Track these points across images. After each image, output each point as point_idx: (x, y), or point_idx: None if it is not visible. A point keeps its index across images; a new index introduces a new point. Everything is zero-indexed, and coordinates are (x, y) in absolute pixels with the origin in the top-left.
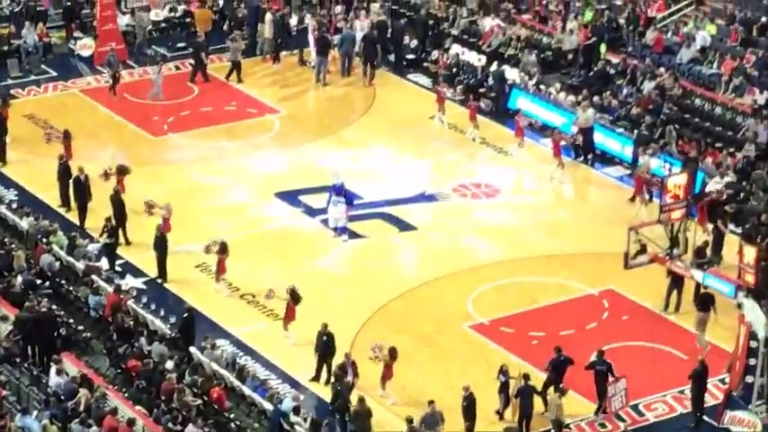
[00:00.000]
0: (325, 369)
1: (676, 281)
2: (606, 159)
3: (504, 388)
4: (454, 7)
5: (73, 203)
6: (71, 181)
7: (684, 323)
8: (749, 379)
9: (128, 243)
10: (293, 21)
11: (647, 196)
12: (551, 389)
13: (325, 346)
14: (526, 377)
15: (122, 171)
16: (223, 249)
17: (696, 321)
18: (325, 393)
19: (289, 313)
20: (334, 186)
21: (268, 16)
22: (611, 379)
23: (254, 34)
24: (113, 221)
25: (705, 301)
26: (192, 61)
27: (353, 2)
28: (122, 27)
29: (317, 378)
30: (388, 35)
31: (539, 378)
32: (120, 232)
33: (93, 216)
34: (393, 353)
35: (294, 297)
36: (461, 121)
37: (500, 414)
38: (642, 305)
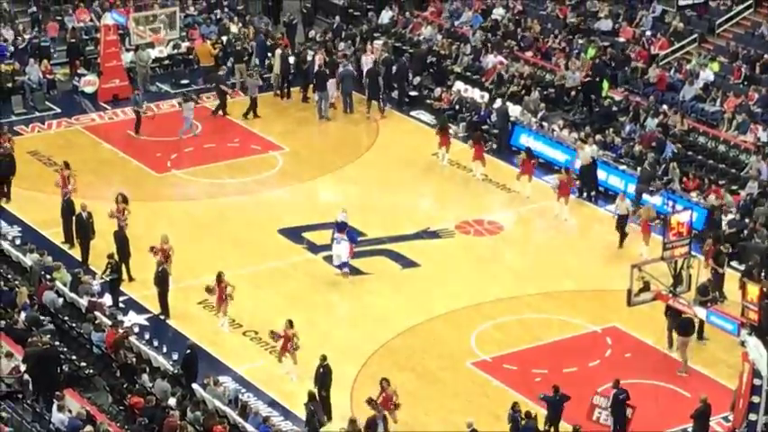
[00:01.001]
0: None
1: (674, 317)
2: (609, 196)
3: (515, 426)
4: (457, 44)
5: (76, 240)
6: (74, 218)
7: (689, 361)
8: (752, 417)
9: (131, 279)
10: (291, 59)
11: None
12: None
13: (322, 378)
14: (528, 415)
15: (124, 199)
16: (220, 280)
17: (677, 345)
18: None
19: (285, 344)
20: (337, 223)
21: (278, 52)
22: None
23: (252, 70)
24: (116, 258)
25: (685, 326)
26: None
27: (356, 39)
28: (126, 64)
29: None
30: (393, 71)
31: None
32: (124, 269)
33: (95, 252)
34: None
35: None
36: (464, 158)
37: None
38: (645, 342)
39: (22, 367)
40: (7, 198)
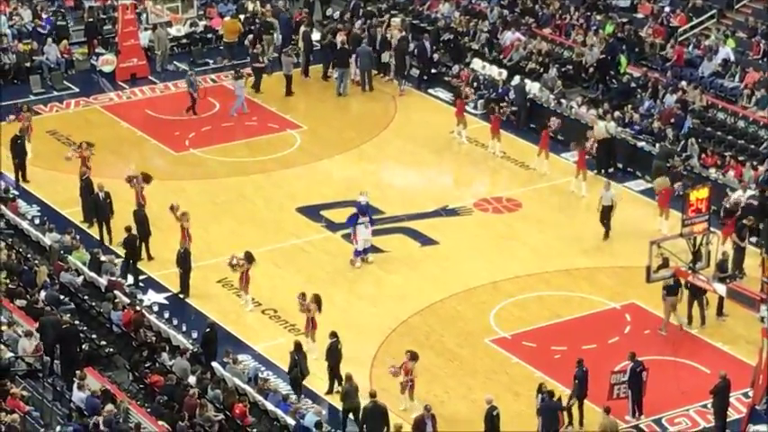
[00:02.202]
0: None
1: (696, 294)
2: (628, 173)
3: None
4: (475, 21)
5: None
6: (92, 197)
7: (708, 338)
8: None
9: (150, 258)
10: (315, 36)
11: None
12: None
13: (332, 353)
14: (551, 394)
15: (146, 179)
16: (249, 259)
17: (665, 306)
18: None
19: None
20: (359, 206)
21: (302, 29)
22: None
23: (287, 48)
24: (133, 232)
25: (672, 287)
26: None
27: (372, 17)
28: (144, 43)
29: (330, 391)
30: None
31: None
32: (143, 248)
33: (115, 231)
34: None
35: (318, 303)
36: (482, 136)
37: None
38: (664, 318)
39: (35, 338)
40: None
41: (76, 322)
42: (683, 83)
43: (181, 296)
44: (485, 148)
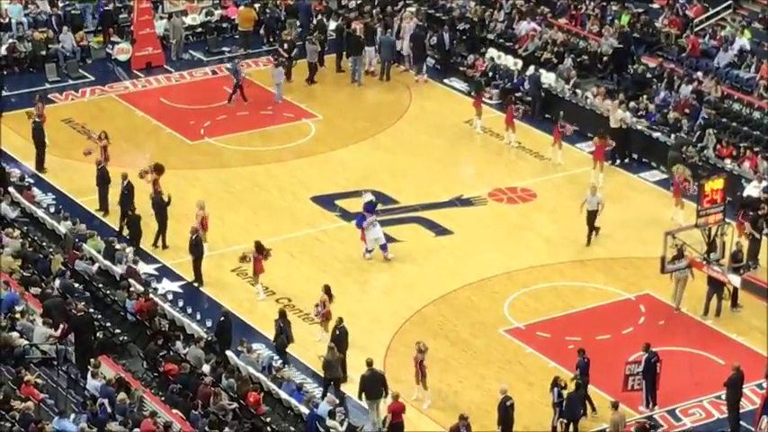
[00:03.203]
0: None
1: (715, 286)
2: (643, 163)
3: (559, 401)
4: (490, 11)
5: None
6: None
7: (723, 328)
8: None
9: (164, 247)
10: (331, 25)
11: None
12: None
13: (338, 339)
14: (565, 385)
15: (159, 170)
16: (259, 249)
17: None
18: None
19: (325, 313)
20: (367, 204)
21: (318, 19)
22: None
23: (312, 36)
24: (134, 213)
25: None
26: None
27: (388, 6)
28: (159, 32)
29: (344, 380)
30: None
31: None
32: (160, 236)
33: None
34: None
35: (329, 295)
36: (497, 126)
37: (554, 429)
38: (679, 310)
39: (40, 320)
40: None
41: (91, 310)
42: (699, 73)
43: (195, 284)
44: (499, 138)
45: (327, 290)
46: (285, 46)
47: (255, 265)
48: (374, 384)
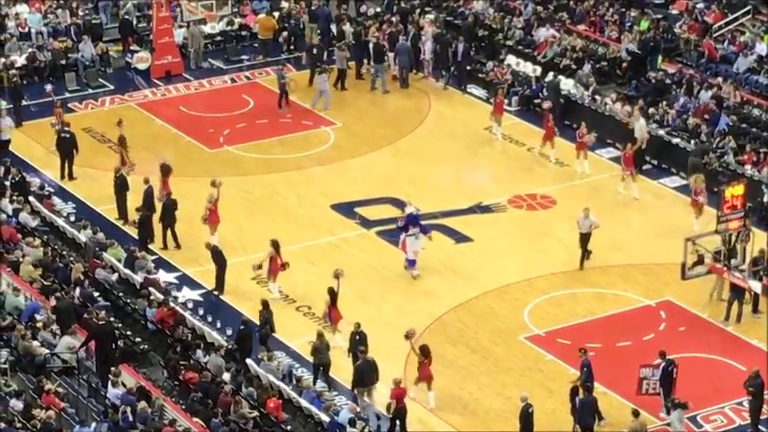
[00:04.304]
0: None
1: (737, 292)
2: (663, 169)
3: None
4: (509, 18)
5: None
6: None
7: (743, 334)
8: None
9: (178, 247)
10: (347, 27)
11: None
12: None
13: (358, 344)
14: (589, 389)
15: (165, 170)
16: (275, 248)
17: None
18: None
19: (332, 316)
20: (408, 216)
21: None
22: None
23: (329, 43)
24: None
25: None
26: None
27: (407, 14)
28: (178, 40)
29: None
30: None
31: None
32: (171, 236)
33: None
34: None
35: (333, 297)
36: (516, 133)
37: None
38: (699, 316)
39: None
40: (69, 177)
41: (111, 319)
42: (719, 79)
43: (215, 293)
44: (519, 144)
45: (330, 292)
46: (315, 51)
47: (272, 265)
48: (368, 373)
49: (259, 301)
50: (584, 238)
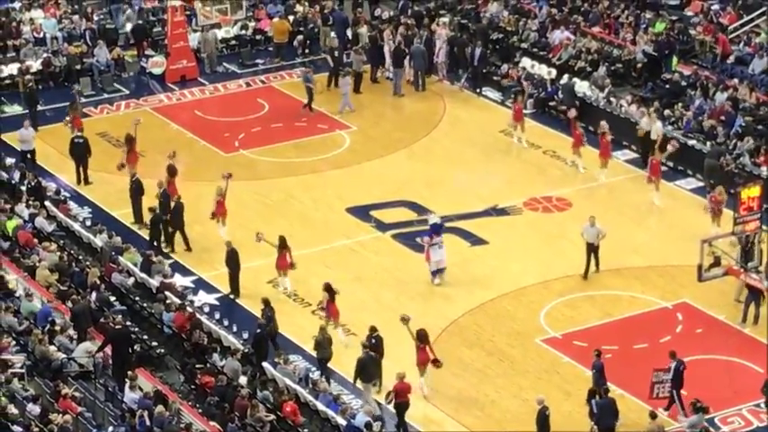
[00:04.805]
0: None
1: (755, 293)
2: (679, 171)
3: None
4: (523, 20)
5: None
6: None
7: (761, 336)
8: None
9: (188, 249)
10: (364, 30)
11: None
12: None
13: (374, 349)
14: (606, 390)
15: (171, 172)
16: (282, 243)
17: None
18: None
19: (331, 311)
20: (433, 226)
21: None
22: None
23: (344, 47)
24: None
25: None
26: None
27: (423, 17)
28: (193, 45)
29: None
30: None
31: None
32: (182, 238)
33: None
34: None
35: (331, 293)
36: (531, 135)
37: None
38: (716, 318)
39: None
40: (85, 181)
41: (128, 323)
42: (735, 81)
43: (231, 297)
44: (534, 147)
45: (328, 287)
46: (336, 53)
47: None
48: (371, 367)
49: (273, 305)
50: (591, 249)
